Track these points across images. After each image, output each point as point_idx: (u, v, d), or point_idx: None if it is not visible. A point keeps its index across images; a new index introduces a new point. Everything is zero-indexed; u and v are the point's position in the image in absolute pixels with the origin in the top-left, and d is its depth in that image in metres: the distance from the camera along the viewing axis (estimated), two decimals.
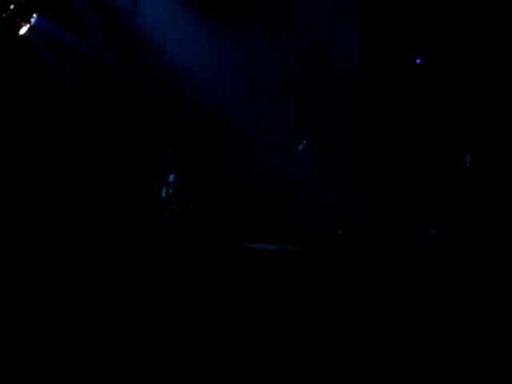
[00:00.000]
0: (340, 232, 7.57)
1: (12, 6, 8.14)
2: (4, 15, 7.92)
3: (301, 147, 11.23)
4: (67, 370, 4.28)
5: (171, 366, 4.42)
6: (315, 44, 11.25)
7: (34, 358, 4.41)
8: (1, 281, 6.15)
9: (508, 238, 7.39)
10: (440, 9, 8.32)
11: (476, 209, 7.75)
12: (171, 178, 10.84)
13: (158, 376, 4.29)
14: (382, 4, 8.69)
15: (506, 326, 5.13)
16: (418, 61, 7.73)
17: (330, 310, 5.53)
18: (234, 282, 6.53)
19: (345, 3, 10.25)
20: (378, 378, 4.34)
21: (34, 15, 8.36)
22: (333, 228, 7.67)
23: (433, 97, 8.32)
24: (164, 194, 10.80)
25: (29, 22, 8.30)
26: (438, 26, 8.31)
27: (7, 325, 4.97)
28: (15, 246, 7.73)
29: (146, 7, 11.12)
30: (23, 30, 8.46)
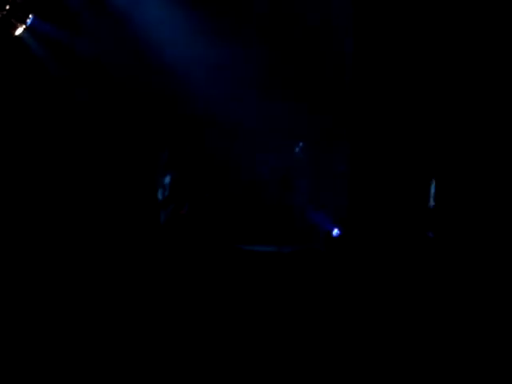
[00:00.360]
0: (336, 235, 7.55)
1: (8, 7, 8.11)
2: None
3: (297, 149, 11.20)
4: (66, 371, 4.28)
5: (166, 371, 4.40)
6: (315, 43, 11.24)
7: (34, 358, 4.41)
8: None
9: (506, 241, 7.38)
10: (436, 10, 8.30)
11: (474, 212, 7.73)
12: (167, 179, 10.80)
13: (153, 378, 4.28)
14: (378, 4, 8.67)
15: (503, 328, 5.14)
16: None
17: (327, 313, 5.51)
18: (230, 286, 6.50)
19: (343, 2, 10.24)
20: (378, 378, 4.35)
21: (30, 16, 8.33)
22: (329, 232, 7.65)
23: (431, 98, 8.30)
24: (160, 196, 10.76)
25: (24, 22, 8.28)
26: (435, 28, 8.29)
27: (5, 325, 4.96)
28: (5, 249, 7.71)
29: (143, 7, 11.09)
30: (19, 31, 8.44)
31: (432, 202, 7.90)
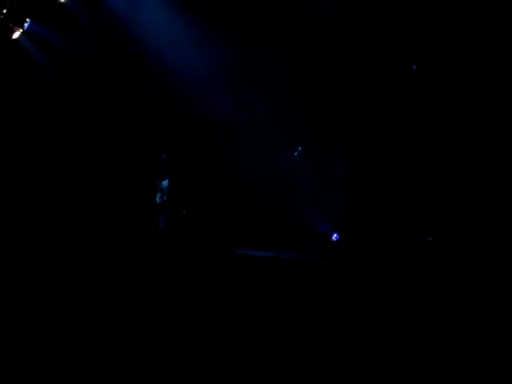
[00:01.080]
0: (335, 240, 7.52)
1: (5, 11, 8.09)
2: None
3: (296, 152, 11.20)
4: (66, 371, 4.30)
5: (160, 371, 4.39)
6: (313, 45, 11.24)
7: (33, 358, 4.42)
8: None
9: (505, 245, 7.36)
10: (436, 12, 8.29)
11: (473, 216, 7.71)
12: (165, 183, 10.79)
13: (148, 378, 4.29)
14: (378, 6, 8.66)
15: (501, 330, 5.14)
16: (413, 67, 7.77)
17: (326, 319, 5.50)
18: (229, 291, 6.49)
19: (341, 3, 10.25)
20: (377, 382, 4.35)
21: (27, 20, 8.33)
22: (328, 236, 7.63)
23: (430, 101, 8.29)
24: (158, 200, 10.75)
25: (22, 26, 8.27)
26: (434, 29, 8.28)
27: (5, 325, 4.98)
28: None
29: (143, 8, 11.09)
30: (16, 35, 8.43)
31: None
